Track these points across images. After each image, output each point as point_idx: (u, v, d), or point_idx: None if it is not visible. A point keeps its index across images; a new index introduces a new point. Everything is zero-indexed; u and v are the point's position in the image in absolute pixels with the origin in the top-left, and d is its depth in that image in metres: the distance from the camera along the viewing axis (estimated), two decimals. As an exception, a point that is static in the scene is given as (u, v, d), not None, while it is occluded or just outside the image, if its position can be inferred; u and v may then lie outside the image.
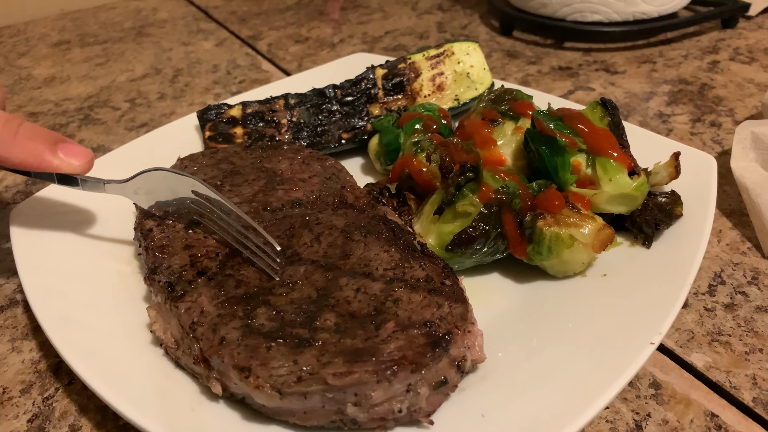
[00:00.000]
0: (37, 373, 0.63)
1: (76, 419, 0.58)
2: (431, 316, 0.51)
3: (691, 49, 1.25)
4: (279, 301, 0.53)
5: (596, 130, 0.68)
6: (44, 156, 0.60)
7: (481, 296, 0.63)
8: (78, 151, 0.62)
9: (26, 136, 0.60)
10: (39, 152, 0.60)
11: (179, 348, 0.54)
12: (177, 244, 0.60)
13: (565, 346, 0.56)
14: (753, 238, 0.75)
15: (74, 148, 0.63)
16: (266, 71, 1.30)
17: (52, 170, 0.61)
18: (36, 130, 0.61)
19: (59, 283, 0.64)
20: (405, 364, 0.46)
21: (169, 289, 0.55)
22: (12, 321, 0.70)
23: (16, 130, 0.60)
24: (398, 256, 0.58)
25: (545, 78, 1.18)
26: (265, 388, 0.46)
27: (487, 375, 0.54)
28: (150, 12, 1.71)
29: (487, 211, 0.64)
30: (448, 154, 0.69)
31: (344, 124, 0.90)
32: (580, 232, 0.62)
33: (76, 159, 0.62)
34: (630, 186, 0.66)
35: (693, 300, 0.68)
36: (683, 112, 1.03)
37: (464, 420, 0.50)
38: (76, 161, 0.62)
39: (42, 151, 0.60)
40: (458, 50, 0.93)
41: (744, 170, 0.77)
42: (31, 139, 0.60)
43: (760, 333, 0.63)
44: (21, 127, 0.60)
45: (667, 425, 0.55)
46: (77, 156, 0.62)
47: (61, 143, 0.62)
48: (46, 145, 0.61)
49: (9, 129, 0.59)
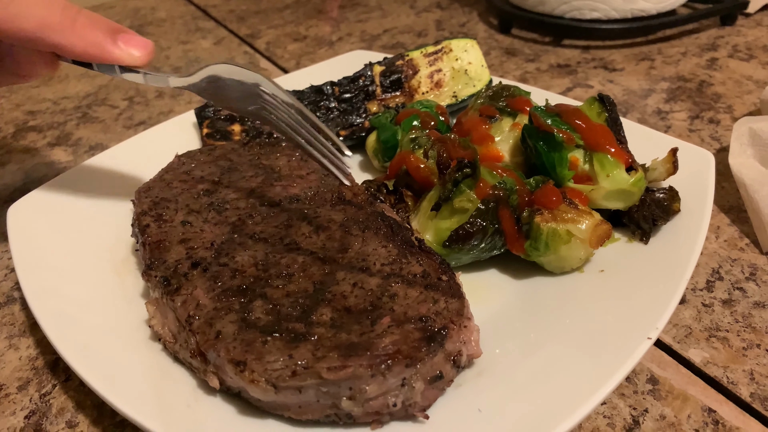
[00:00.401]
0: (34, 370, 0.63)
1: (73, 415, 0.58)
2: (427, 311, 0.51)
3: (690, 47, 1.25)
4: (275, 294, 0.53)
5: (594, 126, 0.68)
6: (105, 45, 0.57)
7: (478, 292, 0.62)
8: (138, 42, 0.59)
9: (85, 24, 0.56)
10: (99, 41, 0.57)
11: (177, 342, 0.54)
12: (173, 239, 0.60)
13: (562, 341, 0.56)
14: (751, 234, 0.75)
15: (134, 38, 0.59)
16: (264, 69, 1.30)
17: (113, 61, 0.58)
18: (95, 17, 0.58)
19: (56, 280, 0.64)
20: (399, 358, 0.46)
21: (164, 283, 0.55)
22: (9, 318, 0.70)
23: (75, 17, 0.56)
24: (396, 252, 0.58)
25: (544, 75, 1.18)
26: (260, 382, 0.46)
27: (484, 371, 0.54)
28: (148, 11, 1.71)
29: (485, 207, 0.63)
30: (445, 151, 0.69)
31: (342, 121, 0.89)
32: (577, 227, 0.62)
33: (136, 49, 0.59)
34: (627, 182, 0.66)
35: (691, 296, 0.67)
36: (682, 109, 1.03)
37: (460, 415, 0.50)
38: (137, 51, 0.59)
39: (103, 40, 0.57)
40: (456, 47, 0.93)
41: (742, 166, 0.77)
42: (91, 28, 0.56)
43: (758, 328, 0.63)
44: (79, 14, 0.56)
45: (664, 420, 0.55)
46: (138, 46, 0.59)
47: (121, 33, 0.58)
48: (107, 34, 0.57)
49: (67, 16, 0.56)
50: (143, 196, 0.68)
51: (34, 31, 0.54)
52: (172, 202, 0.67)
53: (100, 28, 0.57)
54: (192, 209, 0.65)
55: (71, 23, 0.56)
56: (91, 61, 0.58)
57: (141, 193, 0.69)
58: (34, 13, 0.53)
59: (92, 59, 0.58)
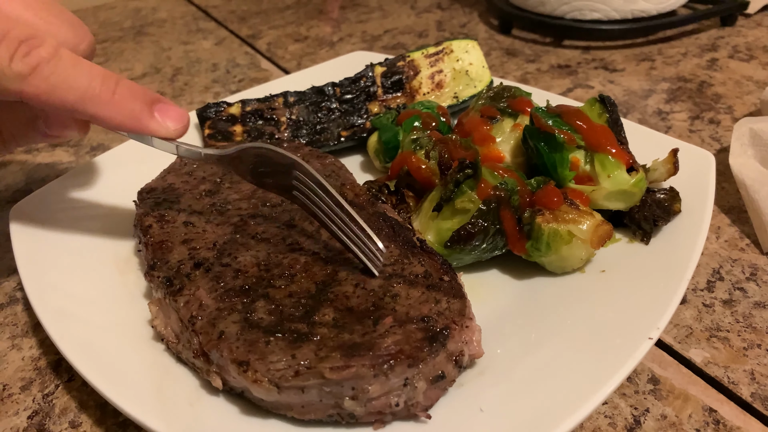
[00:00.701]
0: (37, 370, 0.63)
1: (76, 415, 0.58)
2: (429, 312, 0.51)
3: (690, 47, 1.26)
4: (278, 294, 0.53)
5: (595, 127, 0.69)
6: (142, 118, 0.57)
7: (479, 292, 0.63)
8: (175, 114, 0.59)
9: (124, 95, 0.56)
10: (137, 114, 0.56)
11: (180, 342, 0.54)
12: (175, 239, 0.61)
13: (563, 341, 0.56)
14: (751, 234, 0.75)
15: (171, 109, 0.59)
16: (266, 70, 1.30)
17: (149, 133, 0.58)
18: (134, 88, 0.57)
19: (59, 281, 0.64)
20: (402, 358, 0.46)
21: (167, 283, 0.55)
22: (12, 318, 0.70)
23: (114, 88, 0.56)
24: (397, 252, 0.58)
25: (544, 76, 1.18)
26: (263, 382, 0.46)
27: (485, 370, 0.54)
28: (149, 11, 1.71)
29: (486, 207, 0.64)
30: (446, 151, 0.69)
31: (343, 122, 0.90)
32: (578, 228, 0.62)
33: (172, 122, 0.58)
34: (628, 182, 0.66)
35: (692, 296, 0.68)
36: (682, 109, 1.03)
37: (462, 414, 0.50)
38: (173, 125, 0.58)
39: (140, 113, 0.57)
40: (457, 48, 0.93)
41: (742, 167, 0.77)
42: (129, 99, 0.56)
43: (759, 328, 0.63)
44: (119, 85, 0.56)
45: (665, 420, 0.55)
46: (174, 119, 0.58)
47: (158, 103, 0.58)
48: (145, 106, 0.57)
49: (107, 87, 0.55)
50: (145, 196, 0.69)
51: (74, 103, 0.53)
52: (174, 202, 0.67)
53: (138, 99, 0.57)
54: (194, 210, 0.65)
55: (110, 95, 0.55)
56: (126, 131, 0.58)
57: (143, 193, 0.69)
58: (74, 85, 0.53)
59: (127, 130, 0.57)
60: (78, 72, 0.53)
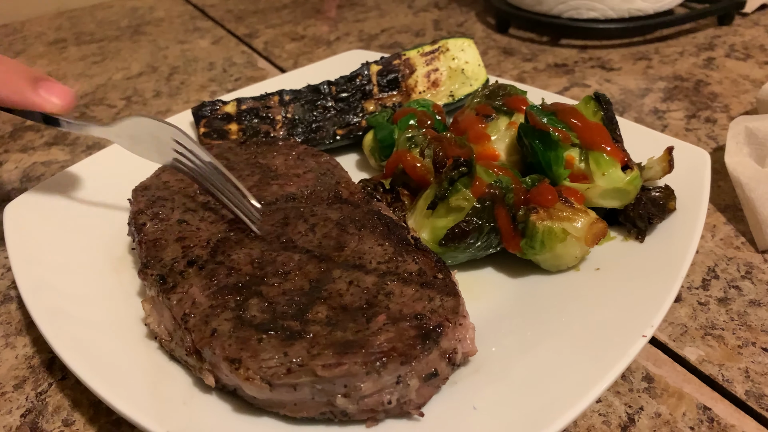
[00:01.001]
0: (30, 369, 0.63)
1: (69, 414, 0.58)
2: (422, 309, 0.51)
3: (687, 46, 1.26)
4: (271, 291, 0.53)
5: (589, 125, 0.69)
6: (25, 93, 0.60)
7: (474, 290, 0.63)
8: (60, 90, 0.62)
9: (7, 71, 0.59)
10: (20, 89, 0.59)
11: (173, 340, 0.54)
12: (169, 237, 0.60)
13: (557, 339, 0.56)
14: (747, 232, 0.75)
15: (55, 86, 0.62)
16: (262, 69, 1.30)
17: (33, 108, 0.61)
18: (17, 66, 0.60)
19: (53, 279, 0.64)
20: (394, 355, 0.46)
21: (160, 281, 0.55)
22: (6, 317, 0.70)
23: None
24: (392, 250, 0.58)
25: (541, 75, 1.18)
26: (255, 379, 0.46)
27: (479, 368, 0.54)
28: (146, 10, 1.71)
29: (481, 205, 0.64)
30: (441, 149, 0.69)
31: (339, 120, 0.90)
32: (573, 226, 0.62)
33: (57, 97, 0.61)
34: (623, 180, 0.66)
35: (686, 294, 0.68)
36: (678, 108, 1.03)
37: (456, 412, 0.50)
38: (57, 100, 0.61)
39: (23, 88, 0.59)
40: (453, 47, 0.93)
41: (738, 165, 0.77)
42: (12, 75, 0.59)
43: (753, 327, 0.63)
44: (2, 63, 0.59)
45: (659, 418, 0.55)
46: (58, 94, 0.61)
47: (42, 81, 0.61)
48: (28, 82, 0.60)
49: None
50: (140, 194, 0.68)
51: None
52: (168, 200, 0.67)
53: (21, 76, 0.60)
54: (188, 208, 0.65)
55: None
56: (12, 107, 0.61)
57: (138, 191, 0.69)
58: None
59: (12, 104, 0.60)
60: None
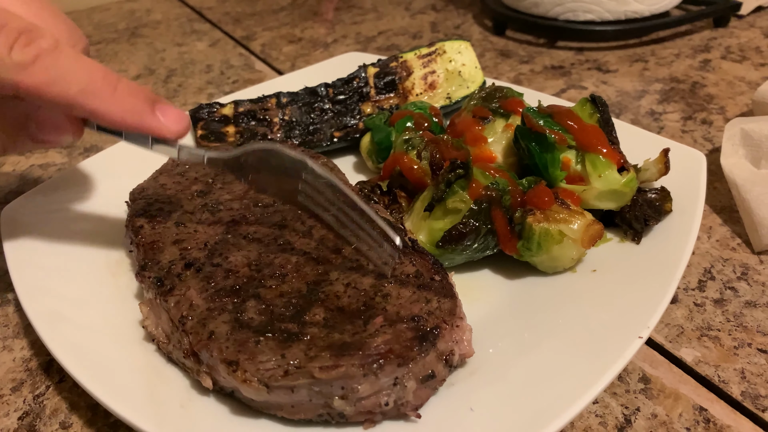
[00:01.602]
0: (28, 371, 0.63)
1: (66, 416, 0.58)
2: (419, 311, 0.51)
3: (683, 48, 1.26)
4: (269, 294, 0.53)
5: (586, 127, 0.69)
6: (144, 115, 0.56)
7: (471, 292, 0.63)
8: (176, 115, 0.57)
9: (125, 91, 0.55)
10: (139, 110, 0.55)
11: (170, 342, 0.54)
12: (167, 240, 0.60)
13: (554, 341, 0.56)
14: (743, 234, 0.76)
15: (172, 110, 0.57)
16: (260, 71, 1.30)
17: (149, 130, 0.56)
18: (135, 86, 0.56)
19: (50, 281, 0.64)
20: (391, 357, 0.46)
21: (158, 284, 0.55)
22: (3, 320, 0.70)
23: (116, 84, 0.55)
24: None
25: (538, 77, 1.19)
26: (252, 382, 0.46)
27: (476, 370, 0.54)
28: (144, 13, 1.71)
29: (477, 207, 0.64)
30: (438, 152, 0.69)
31: (336, 123, 0.90)
32: (569, 227, 0.62)
33: (174, 123, 0.57)
34: (619, 182, 0.66)
35: (683, 295, 0.68)
36: (675, 110, 1.04)
37: (453, 414, 0.50)
38: (174, 125, 0.57)
39: (142, 109, 0.55)
40: (450, 49, 0.93)
41: (734, 167, 0.77)
42: (130, 96, 0.55)
43: (749, 328, 0.63)
44: (120, 81, 0.55)
45: (656, 419, 0.55)
46: (175, 120, 0.57)
47: (159, 103, 0.57)
48: (146, 104, 0.56)
49: (109, 83, 0.54)
50: (137, 197, 0.69)
51: (75, 96, 0.52)
52: (165, 203, 0.67)
53: (139, 96, 0.56)
54: (186, 210, 0.65)
55: (112, 90, 0.54)
56: (127, 129, 0.56)
57: (135, 194, 0.69)
58: (75, 78, 0.52)
59: (128, 127, 0.56)
60: (79, 66, 0.53)
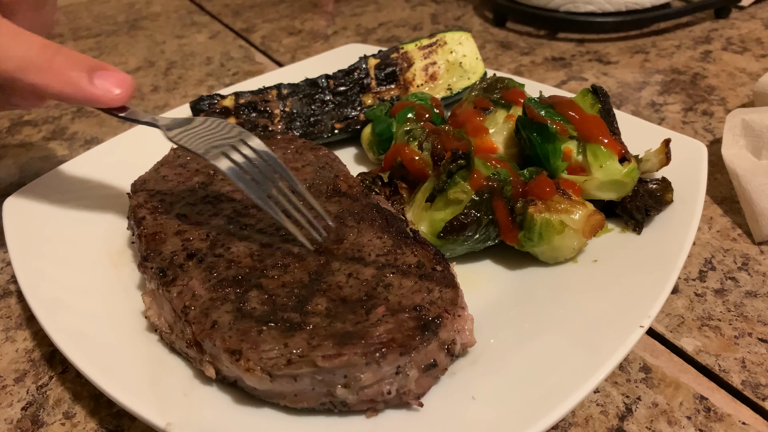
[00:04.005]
0: (31, 362, 0.64)
1: (70, 407, 0.58)
2: (421, 301, 0.51)
3: (684, 39, 1.26)
4: (271, 284, 0.53)
5: (587, 117, 0.69)
6: (81, 85, 0.56)
7: (473, 283, 0.63)
8: (116, 79, 0.57)
9: (63, 63, 0.55)
10: (75, 81, 0.55)
11: (173, 332, 0.54)
12: (169, 231, 0.61)
13: (555, 330, 0.56)
14: (743, 224, 0.76)
15: (112, 74, 0.57)
16: (260, 63, 1.30)
17: (89, 101, 0.57)
18: (74, 56, 0.56)
19: (52, 272, 0.64)
20: (394, 346, 0.47)
21: (160, 274, 0.56)
22: (6, 311, 0.70)
23: (53, 57, 0.55)
24: (390, 243, 0.58)
25: (538, 68, 1.18)
26: (255, 370, 0.46)
27: (478, 359, 0.55)
28: (143, 5, 1.70)
29: (479, 198, 0.64)
30: (439, 142, 0.69)
31: (337, 114, 0.90)
32: (570, 218, 0.63)
33: (114, 87, 0.57)
34: (620, 172, 0.67)
35: (683, 285, 0.68)
36: (675, 101, 1.03)
37: (455, 402, 0.50)
38: (115, 90, 0.57)
39: (79, 80, 0.56)
40: (451, 40, 0.93)
41: (734, 157, 0.78)
42: (67, 67, 0.55)
43: (750, 317, 0.64)
44: (58, 53, 0.55)
45: (657, 408, 0.55)
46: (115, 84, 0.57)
47: (99, 69, 0.57)
48: (84, 73, 0.56)
49: (45, 56, 0.55)
50: (139, 188, 0.69)
51: (13, 72, 0.53)
52: (167, 194, 0.67)
53: (77, 66, 0.56)
54: (187, 201, 0.65)
55: (49, 63, 0.55)
56: (67, 101, 0.57)
57: (137, 185, 0.69)
58: (12, 54, 0.53)
59: (68, 99, 0.57)
60: (16, 42, 0.53)
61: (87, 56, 0.57)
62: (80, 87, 0.56)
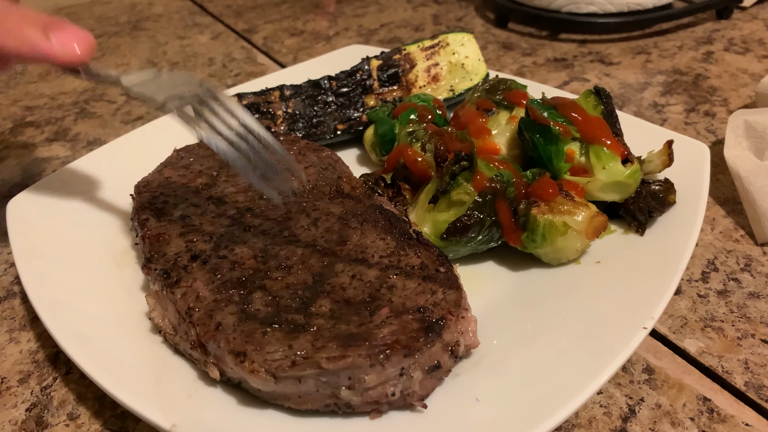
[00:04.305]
0: (35, 363, 0.64)
1: (74, 408, 0.59)
2: (425, 302, 0.51)
3: (686, 40, 1.26)
4: (275, 285, 0.53)
5: (590, 119, 0.69)
6: (37, 43, 0.53)
7: (476, 284, 0.63)
8: (74, 35, 0.55)
9: (18, 20, 0.53)
10: (31, 38, 0.53)
11: (177, 334, 0.54)
12: (172, 232, 0.61)
13: (559, 332, 0.57)
14: (746, 225, 0.76)
15: (70, 31, 0.55)
16: (262, 64, 1.30)
17: (47, 60, 0.54)
18: (27, 14, 0.54)
19: (56, 274, 0.64)
20: (398, 348, 0.47)
21: (164, 275, 0.56)
22: (10, 312, 0.70)
23: (5, 15, 0.53)
24: (394, 244, 0.58)
25: (540, 69, 1.18)
26: (260, 372, 0.46)
27: (481, 361, 0.55)
28: (145, 6, 1.70)
29: (482, 199, 0.64)
30: (442, 144, 0.69)
31: (340, 115, 0.90)
32: (573, 219, 0.63)
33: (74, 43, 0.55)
34: (623, 174, 0.67)
35: (686, 287, 0.68)
36: (678, 102, 1.03)
37: (458, 404, 0.50)
38: (71, 49, 0.55)
39: (34, 37, 0.53)
40: (453, 41, 0.93)
41: (737, 158, 0.78)
42: (22, 25, 0.53)
43: (753, 319, 0.64)
44: (9, 11, 0.53)
45: (660, 409, 0.55)
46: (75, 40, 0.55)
47: (54, 27, 0.54)
48: (39, 31, 0.54)
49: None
50: (142, 190, 0.69)
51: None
52: (171, 196, 0.67)
53: (31, 24, 0.54)
54: (191, 203, 0.66)
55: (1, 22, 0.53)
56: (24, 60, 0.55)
57: (140, 187, 0.70)
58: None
59: (27, 58, 0.54)
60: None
61: (42, 13, 0.55)
62: (35, 44, 0.53)
